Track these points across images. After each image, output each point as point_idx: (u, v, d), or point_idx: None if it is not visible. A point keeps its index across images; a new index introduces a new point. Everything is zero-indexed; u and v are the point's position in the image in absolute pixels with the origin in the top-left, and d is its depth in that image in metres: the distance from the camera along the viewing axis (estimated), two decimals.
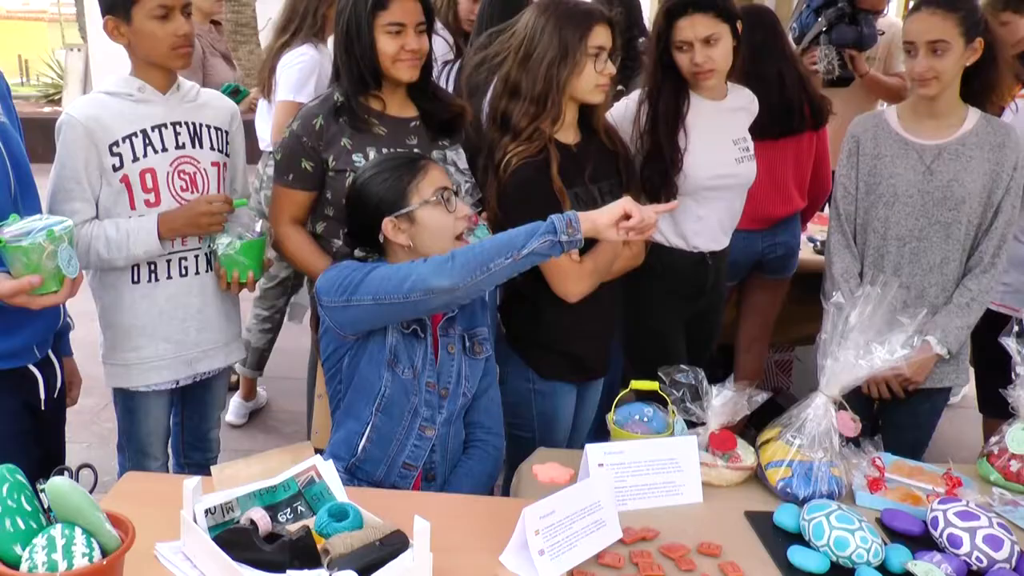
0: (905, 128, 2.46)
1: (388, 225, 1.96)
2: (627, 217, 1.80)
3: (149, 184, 2.20)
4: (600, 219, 1.80)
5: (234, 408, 3.99)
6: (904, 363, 1.89)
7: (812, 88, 3.18)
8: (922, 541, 1.75)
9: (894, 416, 2.54)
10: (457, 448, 2.08)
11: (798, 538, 1.72)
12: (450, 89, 3.27)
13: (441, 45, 3.56)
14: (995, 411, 2.35)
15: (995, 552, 1.65)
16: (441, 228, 1.96)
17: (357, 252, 2.09)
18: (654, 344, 2.65)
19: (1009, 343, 2.05)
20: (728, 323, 3.32)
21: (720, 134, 2.64)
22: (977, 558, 1.65)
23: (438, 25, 3.67)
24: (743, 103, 2.73)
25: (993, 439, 2.11)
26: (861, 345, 1.87)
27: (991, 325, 2.34)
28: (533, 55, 2.23)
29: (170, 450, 2.55)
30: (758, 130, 2.85)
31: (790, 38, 3.80)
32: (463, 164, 2.39)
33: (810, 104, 3.12)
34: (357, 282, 1.86)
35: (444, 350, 2.01)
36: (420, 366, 1.96)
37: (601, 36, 2.22)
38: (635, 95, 2.61)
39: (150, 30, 2.14)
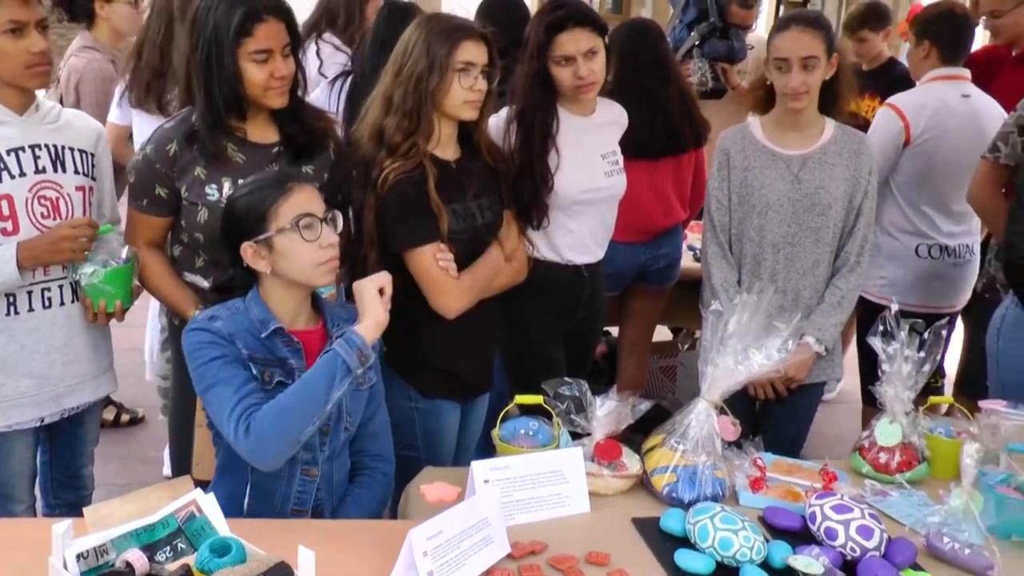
0: (771, 140, 2.57)
1: (247, 250, 1.87)
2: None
3: (6, 212, 2.09)
4: (374, 317, 1.81)
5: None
6: (782, 365, 1.96)
7: (694, 107, 3.29)
8: (802, 536, 1.81)
9: (774, 415, 2.64)
10: (343, 480, 2.03)
11: (684, 541, 1.75)
12: (341, 102, 3.24)
13: (331, 54, 3.54)
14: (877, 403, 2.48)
15: (866, 541, 1.72)
16: (300, 257, 1.86)
17: (233, 270, 1.99)
18: (534, 358, 2.67)
19: (875, 341, 2.14)
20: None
21: (590, 149, 2.68)
22: (851, 548, 1.72)
23: (333, 38, 3.66)
24: (612, 117, 2.79)
25: (864, 433, 2.20)
26: (739, 351, 1.92)
27: (873, 317, 2.46)
28: (405, 69, 2.22)
29: (38, 491, 2.42)
30: (641, 149, 2.93)
31: None
32: None
33: (692, 124, 3.22)
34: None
35: None
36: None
37: (470, 51, 2.21)
38: (503, 112, 2.62)
39: (1, 47, 2.03)
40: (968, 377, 3.22)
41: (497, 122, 2.60)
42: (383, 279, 1.84)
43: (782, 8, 18.24)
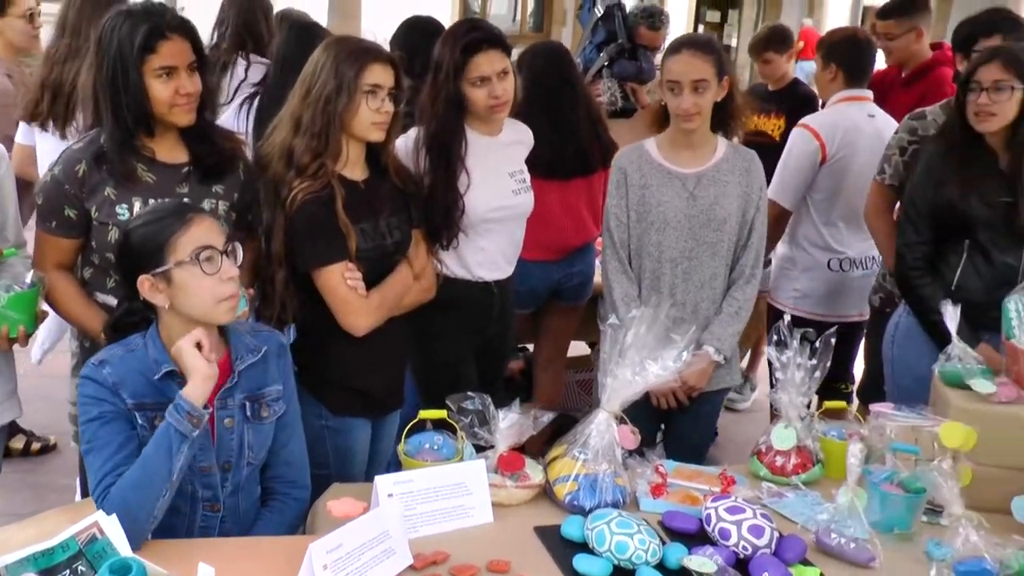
0: (666, 158, 2.66)
1: (144, 283, 1.83)
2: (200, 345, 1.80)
3: None
4: (200, 373, 1.77)
5: None
6: (681, 374, 2.04)
7: (603, 129, 3.39)
8: (699, 537, 1.88)
9: (678, 422, 2.73)
10: (251, 508, 2.02)
11: (584, 547, 1.81)
12: (250, 124, 3.24)
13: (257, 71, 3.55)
14: None
15: (758, 540, 1.81)
16: (200, 291, 1.82)
17: (130, 303, 1.94)
18: (445, 374, 2.70)
19: (770, 351, 2.24)
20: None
21: (498, 168, 2.74)
22: (743, 547, 1.81)
23: (254, 57, 3.67)
24: (518, 136, 2.86)
25: (762, 438, 2.29)
26: (637, 363, 2.00)
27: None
28: (313, 90, 2.25)
29: None
30: (552, 169, 3.00)
31: None
32: None
33: (600, 146, 3.32)
34: None
35: (220, 424, 1.91)
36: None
37: (378, 74, 2.26)
38: (412, 133, 2.66)
39: None
40: (870, 383, 3.37)
41: (406, 142, 2.64)
42: (197, 335, 1.80)
43: (701, 28, 18.74)
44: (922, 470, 2.02)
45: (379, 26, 3.64)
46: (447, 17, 15.12)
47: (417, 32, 3.40)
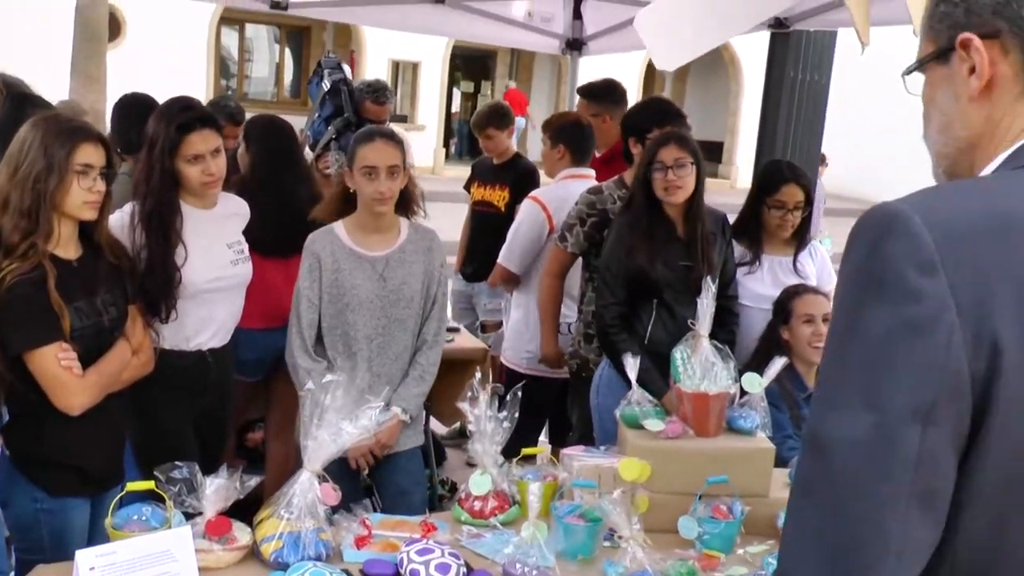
0: (356, 243, 2.87)
1: None
2: None
3: None
4: None
5: None
6: (373, 434, 2.23)
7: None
8: None
9: (384, 477, 2.92)
10: None
11: None
12: None
13: None
14: None
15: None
16: None
17: None
18: (164, 445, 2.74)
19: (464, 406, 2.48)
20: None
21: (215, 240, 2.87)
22: None
23: None
24: (234, 209, 3.01)
25: (462, 486, 2.52)
26: (334, 424, 2.17)
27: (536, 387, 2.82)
28: (21, 169, 2.28)
29: None
30: (275, 249, 3.15)
31: (307, 146, 4.22)
32: None
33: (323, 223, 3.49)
34: None
35: None
36: None
37: (89, 154, 2.32)
38: (128, 208, 2.74)
39: None
40: (582, 432, 3.71)
41: (121, 217, 2.70)
42: None
43: (456, 98, 19.36)
44: (602, 501, 2.32)
45: (125, 89, 3.67)
46: (203, 77, 14.87)
47: (131, 109, 3.46)
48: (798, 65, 4.34)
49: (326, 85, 4.39)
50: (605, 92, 4.49)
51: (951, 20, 1.12)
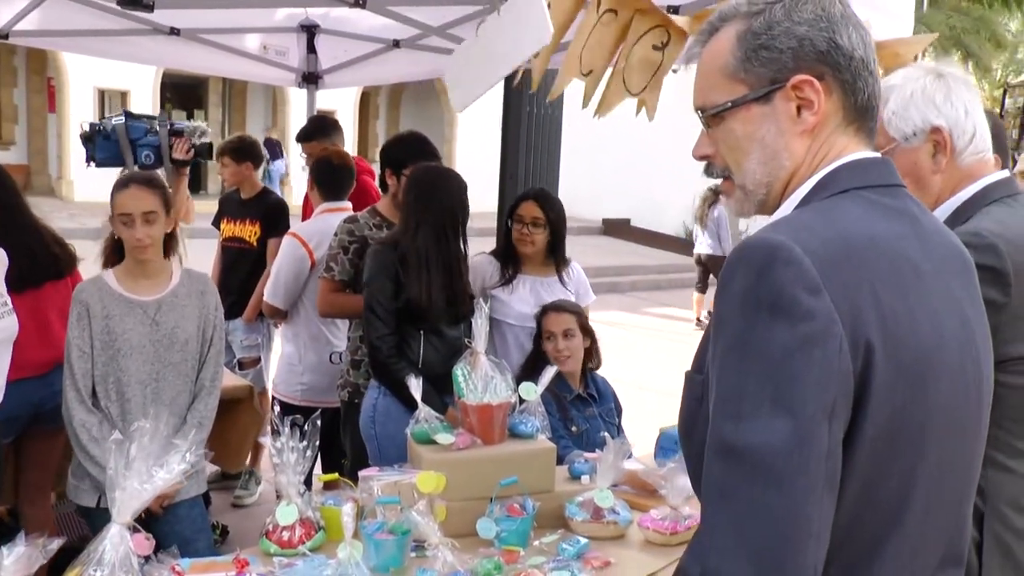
0: (126, 289, 2.86)
1: None
2: None
3: None
4: None
5: None
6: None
7: (59, 241, 3.41)
8: None
9: (163, 530, 2.79)
10: None
11: None
12: None
13: None
14: None
15: None
16: None
17: None
18: None
19: (267, 440, 2.51)
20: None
21: None
22: None
23: None
24: None
25: (268, 519, 2.54)
26: (145, 472, 2.14)
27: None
28: None
29: None
30: (19, 282, 2.98)
31: None
32: None
33: (65, 252, 3.36)
34: None
35: None
36: None
37: None
38: None
39: None
40: (355, 458, 3.74)
41: None
42: None
43: None
44: (406, 515, 2.45)
45: None
46: None
47: None
48: (533, 100, 4.74)
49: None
50: (316, 130, 4.83)
51: (777, 64, 1.23)
